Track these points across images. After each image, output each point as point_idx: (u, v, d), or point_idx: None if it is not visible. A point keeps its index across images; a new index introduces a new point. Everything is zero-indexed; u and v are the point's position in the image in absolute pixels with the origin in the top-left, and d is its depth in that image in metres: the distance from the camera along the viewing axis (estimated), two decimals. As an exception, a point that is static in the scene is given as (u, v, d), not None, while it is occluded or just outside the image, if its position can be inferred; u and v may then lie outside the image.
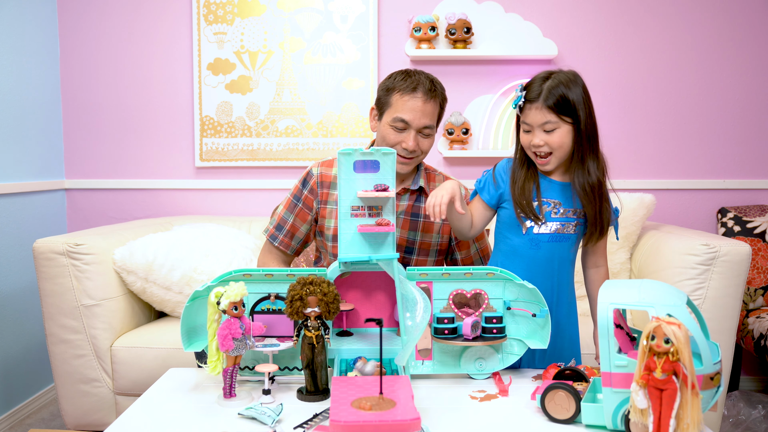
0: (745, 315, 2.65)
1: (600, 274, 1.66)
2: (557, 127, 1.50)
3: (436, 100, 1.75)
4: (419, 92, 1.72)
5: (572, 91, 1.50)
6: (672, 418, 1.02)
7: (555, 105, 1.49)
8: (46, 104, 2.95)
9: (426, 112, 1.73)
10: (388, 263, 1.41)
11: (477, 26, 2.90)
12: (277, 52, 2.99)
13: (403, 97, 1.73)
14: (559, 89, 1.50)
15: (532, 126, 1.52)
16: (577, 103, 1.51)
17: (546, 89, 1.50)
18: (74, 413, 2.27)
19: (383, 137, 1.77)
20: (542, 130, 1.51)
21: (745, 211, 2.85)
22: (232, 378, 1.36)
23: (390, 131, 1.75)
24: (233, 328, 1.32)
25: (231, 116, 3.01)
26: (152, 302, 2.44)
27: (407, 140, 1.72)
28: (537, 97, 1.51)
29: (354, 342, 1.51)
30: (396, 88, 1.74)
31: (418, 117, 1.72)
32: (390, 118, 1.74)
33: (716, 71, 2.95)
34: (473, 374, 1.49)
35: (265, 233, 1.93)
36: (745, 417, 2.49)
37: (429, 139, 1.77)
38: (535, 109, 1.51)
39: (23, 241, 2.72)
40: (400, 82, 1.75)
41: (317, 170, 1.86)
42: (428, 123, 1.74)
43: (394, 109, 1.74)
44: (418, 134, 1.74)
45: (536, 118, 1.51)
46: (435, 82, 1.78)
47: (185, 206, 3.07)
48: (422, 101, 1.72)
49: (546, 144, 1.52)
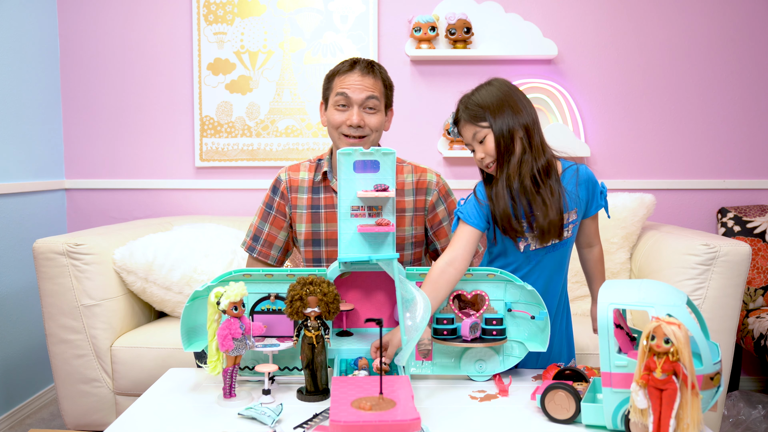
0: (745, 315, 2.65)
1: (594, 253, 1.66)
2: (484, 135, 1.50)
3: (377, 76, 1.75)
4: (356, 68, 1.73)
5: (480, 95, 1.52)
6: (672, 418, 1.02)
7: (471, 115, 1.51)
8: (46, 104, 2.95)
9: (366, 84, 1.72)
10: (388, 263, 1.41)
11: (477, 26, 2.90)
12: (277, 52, 2.99)
13: (342, 77, 1.74)
14: (471, 99, 1.52)
15: (470, 143, 1.54)
16: (486, 105, 1.49)
17: (462, 103, 1.54)
18: (74, 413, 2.27)
19: (330, 122, 1.77)
20: (477, 143, 1.52)
21: (745, 211, 2.85)
22: (232, 378, 1.36)
23: (334, 112, 1.74)
24: (233, 328, 1.32)
25: (231, 116, 3.01)
26: (152, 302, 2.44)
27: (351, 116, 1.71)
28: (461, 116, 1.54)
29: (354, 342, 1.51)
30: (336, 72, 1.76)
31: (358, 90, 1.71)
32: (333, 98, 1.75)
33: (716, 71, 2.95)
34: (473, 376, 1.49)
35: (242, 246, 1.91)
36: (745, 417, 2.49)
37: (376, 116, 1.74)
38: (462, 128, 1.54)
39: (23, 241, 2.72)
40: (339, 66, 1.77)
41: (285, 176, 1.86)
42: (370, 94, 1.72)
43: (335, 89, 1.74)
44: (362, 110, 1.72)
45: (466, 134, 1.53)
46: (375, 63, 1.78)
47: (185, 206, 3.07)
48: (360, 75, 1.72)
49: (486, 154, 1.51)
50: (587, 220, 1.61)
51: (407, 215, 1.83)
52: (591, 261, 1.67)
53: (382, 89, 1.77)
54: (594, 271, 1.68)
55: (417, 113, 3.00)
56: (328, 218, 1.82)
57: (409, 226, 1.84)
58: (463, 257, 1.49)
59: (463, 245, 1.50)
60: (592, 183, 1.57)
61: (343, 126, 1.73)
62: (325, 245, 1.82)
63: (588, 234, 1.63)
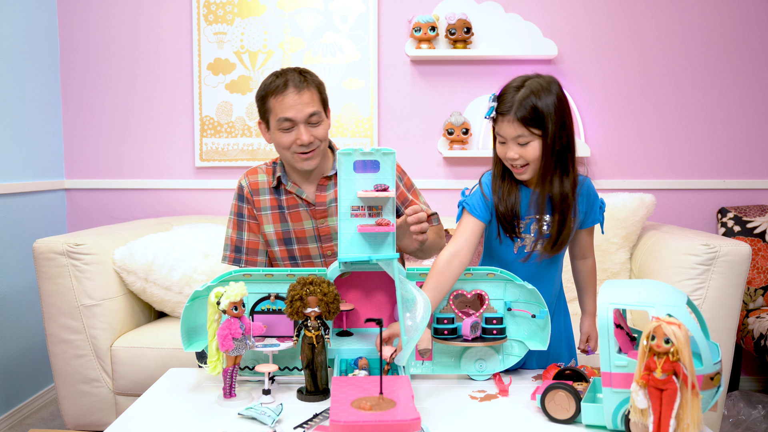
0: (745, 315, 2.65)
1: (587, 265, 1.64)
2: (530, 140, 1.44)
3: (311, 87, 1.74)
4: (290, 87, 1.71)
5: (543, 101, 1.42)
6: (672, 418, 1.02)
7: (526, 118, 1.42)
8: (46, 104, 2.95)
9: (304, 101, 1.71)
10: (388, 263, 1.41)
11: (477, 26, 2.90)
12: (277, 52, 2.99)
13: (278, 98, 1.72)
14: (530, 100, 1.42)
15: (505, 138, 1.46)
16: (548, 114, 1.42)
17: (517, 101, 1.42)
18: (74, 413, 2.27)
19: (278, 143, 1.76)
20: (516, 143, 1.45)
21: (745, 211, 2.85)
22: (232, 378, 1.36)
23: (280, 135, 1.73)
24: (233, 328, 1.32)
25: (231, 116, 3.01)
26: (152, 302, 2.44)
27: (300, 135, 1.71)
28: (509, 110, 1.43)
29: (354, 342, 1.51)
30: (269, 93, 1.74)
31: (299, 109, 1.70)
32: (275, 122, 1.73)
33: (716, 71, 2.95)
34: (473, 375, 1.49)
35: (224, 261, 1.88)
36: (745, 417, 2.49)
37: (321, 126, 1.75)
38: (507, 122, 1.44)
39: (23, 241, 2.72)
40: (270, 85, 1.74)
41: (245, 181, 1.85)
42: (312, 110, 1.72)
43: (275, 112, 1.73)
44: (307, 126, 1.72)
45: (509, 131, 1.44)
46: (304, 72, 1.76)
47: (185, 206, 3.07)
48: (296, 93, 1.71)
49: (521, 157, 1.45)
50: (582, 231, 1.60)
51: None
52: (583, 273, 1.65)
53: (319, 97, 1.76)
54: (586, 283, 1.66)
55: (417, 113, 3.00)
56: (293, 218, 1.82)
57: None
58: (468, 248, 1.49)
59: (467, 237, 1.50)
60: (592, 197, 1.57)
61: (293, 146, 1.73)
62: (297, 243, 1.84)
63: (582, 245, 1.62)
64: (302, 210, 1.82)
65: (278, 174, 1.82)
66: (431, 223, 1.87)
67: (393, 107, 3.01)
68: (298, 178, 1.83)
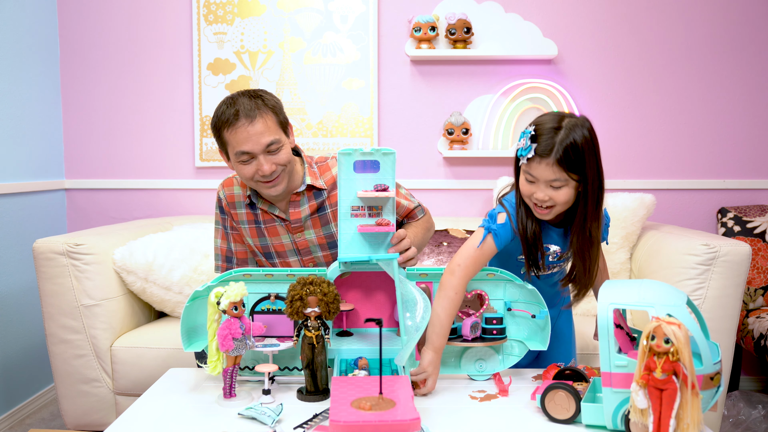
0: (745, 315, 2.65)
1: (603, 276, 1.63)
2: (565, 184, 1.38)
3: (264, 113, 1.63)
4: (241, 118, 1.60)
5: (584, 147, 1.37)
6: (672, 418, 1.02)
7: (567, 163, 1.36)
8: (45, 104, 2.95)
9: (259, 132, 1.60)
10: (388, 263, 1.41)
11: (477, 26, 2.90)
12: (277, 52, 2.99)
13: (231, 131, 1.62)
14: (574, 146, 1.36)
15: (537, 179, 1.39)
16: (589, 160, 1.38)
17: (558, 144, 1.35)
18: (74, 413, 2.27)
19: (239, 173, 1.67)
20: (549, 186, 1.39)
21: (745, 211, 2.85)
22: (232, 378, 1.36)
23: (241, 167, 1.65)
24: (233, 328, 1.32)
25: (231, 116, 3.01)
26: (152, 302, 2.44)
27: (261, 166, 1.62)
28: (548, 153, 1.36)
29: (354, 342, 1.51)
30: (222, 125, 1.64)
31: (255, 141, 1.60)
32: (233, 155, 1.65)
33: (716, 71, 2.95)
34: (473, 375, 1.49)
35: (217, 271, 1.86)
36: (745, 417, 2.49)
37: (281, 152, 1.65)
38: (545, 165, 1.36)
39: (23, 241, 2.72)
40: (221, 116, 1.64)
41: (222, 193, 1.81)
42: (269, 140, 1.62)
43: (231, 145, 1.64)
44: (267, 155, 1.63)
45: (545, 174, 1.37)
46: (256, 96, 1.66)
47: (185, 206, 3.07)
48: (249, 124, 1.60)
49: (550, 199, 1.40)
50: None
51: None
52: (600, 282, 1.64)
53: (275, 121, 1.65)
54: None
55: (417, 113, 3.00)
56: (270, 232, 1.79)
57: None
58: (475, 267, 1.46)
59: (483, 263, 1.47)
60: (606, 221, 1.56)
61: (256, 176, 1.64)
62: (278, 257, 1.81)
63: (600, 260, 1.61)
64: (278, 225, 1.78)
65: (248, 193, 1.76)
66: (416, 218, 1.84)
67: (393, 107, 3.01)
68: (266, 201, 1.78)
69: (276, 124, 1.65)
